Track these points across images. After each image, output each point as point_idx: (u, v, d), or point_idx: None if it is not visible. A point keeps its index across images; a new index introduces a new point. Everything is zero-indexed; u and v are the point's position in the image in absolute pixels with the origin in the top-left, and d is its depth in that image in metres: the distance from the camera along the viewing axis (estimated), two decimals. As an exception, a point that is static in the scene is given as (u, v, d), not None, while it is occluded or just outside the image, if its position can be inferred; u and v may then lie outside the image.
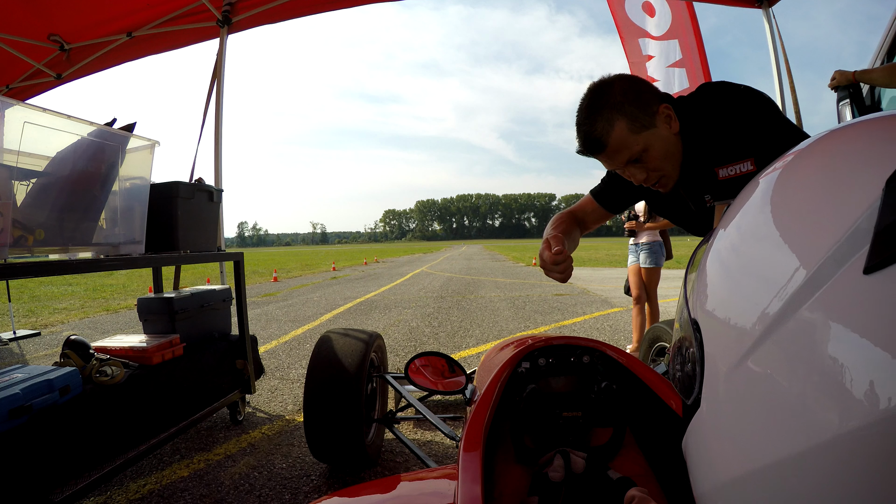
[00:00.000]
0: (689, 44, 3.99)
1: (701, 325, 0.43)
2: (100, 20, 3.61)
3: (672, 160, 1.14)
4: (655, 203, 1.44)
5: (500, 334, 4.93)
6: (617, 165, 1.14)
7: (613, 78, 1.11)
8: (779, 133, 1.07)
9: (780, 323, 0.33)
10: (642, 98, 1.08)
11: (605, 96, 1.08)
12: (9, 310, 5.38)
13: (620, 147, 1.08)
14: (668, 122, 1.11)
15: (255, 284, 11.73)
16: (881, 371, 0.25)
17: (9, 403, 1.39)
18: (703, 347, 0.42)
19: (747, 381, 0.35)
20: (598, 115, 1.07)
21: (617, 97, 1.06)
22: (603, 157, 1.12)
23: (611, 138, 1.07)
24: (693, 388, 0.44)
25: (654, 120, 1.09)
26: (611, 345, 1.11)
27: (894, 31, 2.63)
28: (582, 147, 1.12)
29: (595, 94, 1.09)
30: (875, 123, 0.38)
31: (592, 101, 1.09)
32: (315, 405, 1.86)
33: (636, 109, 1.07)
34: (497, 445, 0.97)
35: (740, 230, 0.43)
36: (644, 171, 1.13)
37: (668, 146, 1.12)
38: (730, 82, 1.16)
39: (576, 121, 1.12)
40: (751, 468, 0.33)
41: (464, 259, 23.33)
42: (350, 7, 3.48)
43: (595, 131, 1.08)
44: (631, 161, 1.11)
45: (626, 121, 1.06)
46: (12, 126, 1.43)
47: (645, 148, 1.09)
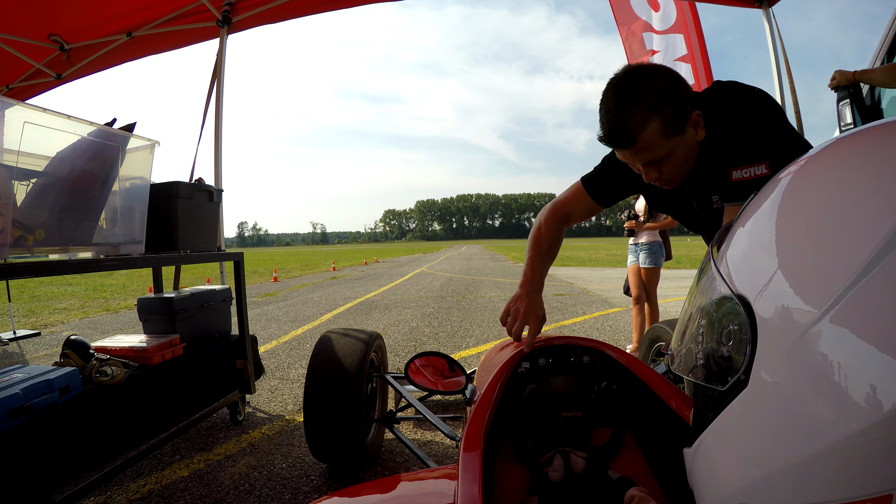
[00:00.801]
0: (693, 40, 4.00)
1: (752, 300, 0.41)
2: (100, 20, 3.61)
3: (688, 166, 1.12)
4: (655, 200, 1.41)
5: (500, 334, 4.93)
6: (634, 161, 1.09)
7: (653, 70, 1.02)
8: (789, 138, 1.06)
9: (850, 293, 0.33)
10: (681, 101, 1.02)
11: (645, 90, 0.99)
12: (9, 310, 5.38)
13: (647, 147, 1.03)
14: (696, 129, 1.06)
15: (255, 284, 11.73)
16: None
17: (9, 403, 1.39)
18: (755, 324, 0.40)
19: (813, 354, 0.34)
20: (635, 109, 0.99)
21: (658, 95, 0.99)
22: (625, 151, 1.06)
23: (641, 137, 1.00)
24: (731, 370, 0.42)
25: (684, 126, 1.04)
26: (611, 345, 1.11)
27: (894, 31, 2.63)
28: (607, 136, 1.04)
29: (634, 84, 1.00)
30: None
31: (630, 91, 1.00)
32: (315, 405, 1.86)
33: (672, 112, 1.00)
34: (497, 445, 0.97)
35: (789, 209, 0.43)
36: (658, 172, 1.10)
37: (690, 153, 1.09)
38: (743, 83, 1.13)
39: (605, 105, 1.03)
40: (825, 443, 0.33)
41: (464, 259, 23.33)
42: (350, 7, 3.48)
43: (627, 125, 1.00)
44: (652, 162, 1.07)
45: (660, 123, 1.00)
46: (12, 126, 1.43)
47: (670, 153, 1.05)
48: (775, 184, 0.47)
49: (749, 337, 0.40)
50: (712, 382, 0.44)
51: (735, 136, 1.07)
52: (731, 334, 0.43)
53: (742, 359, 0.40)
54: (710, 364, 0.45)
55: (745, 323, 0.41)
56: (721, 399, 0.43)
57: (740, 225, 0.49)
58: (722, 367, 0.43)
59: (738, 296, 0.43)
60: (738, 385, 0.41)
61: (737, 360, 0.41)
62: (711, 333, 0.46)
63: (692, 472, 0.50)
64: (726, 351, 0.43)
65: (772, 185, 0.48)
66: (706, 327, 0.47)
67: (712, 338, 0.46)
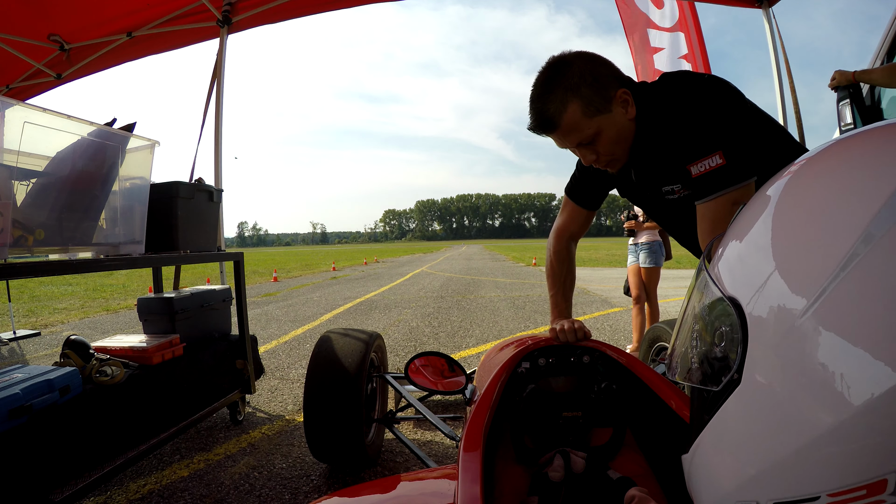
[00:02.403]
0: (693, 39, 4.01)
1: (742, 301, 0.42)
2: (100, 20, 3.60)
3: (624, 145, 1.15)
4: (625, 192, 1.41)
5: (500, 334, 4.93)
6: (567, 145, 1.14)
7: (573, 56, 1.08)
8: (744, 122, 1.06)
9: (830, 288, 0.34)
10: (600, 81, 1.06)
11: (561, 76, 1.05)
12: (9, 310, 5.38)
13: (572, 129, 1.08)
14: (625, 107, 1.10)
15: (255, 284, 11.73)
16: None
17: (9, 403, 1.39)
18: (745, 324, 0.41)
19: (801, 348, 0.35)
20: (552, 94, 1.05)
21: (574, 78, 1.04)
22: (554, 136, 1.12)
23: (563, 120, 1.06)
24: (724, 370, 0.43)
25: (609, 105, 1.08)
26: (611, 345, 1.11)
27: (894, 31, 2.63)
28: (533, 124, 1.11)
29: (551, 72, 1.07)
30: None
31: (548, 79, 1.07)
32: (315, 405, 1.86)
33: (592, 93, 1.05)
34: (497, 445, 0.97)
35: (778, 212, 0.45)
36: (594, 153, 1.14)
37: (622, 131, 1.12)
38: (692, 72, 1.15)
39: (531, 95, 1.10)
40: (819, 433, 0.33)
41: (464, 259, 23.33)
42: (350, 7, 3.48)
43: (548, 111, 1.06)
44: (582, 143, 1.11)
45: (580, 104, 1.05)
46: (12, 126, 1.43)
47: (598, 132, 1.09)
48: (768, 188, 0.48)
49: (740, 336, 0.41)
50: (707, 384, 0.45)
51: (683, 128, 1.07)
52: (723, 335, 0.44)
53: (734, 358, 0.42)
54: (705, 366, 0.46)
55: (737, 323, 0.42)
56: (716, 400, 0.44)
57: (733, 230, 0.50)
58: (716, 367, 0.45)
59: (728, 298, 0.44)
60: (731, 384, 0.42)
61: (730, 360, 0.42)
62: (705, 336, 0.47)
63: (690, 477, 0.50)
64: (719, 352, 0.44)
65: (765, 190, 0.49)
66: (700, 331, 0.48)
67: (706, 340, 0.47)
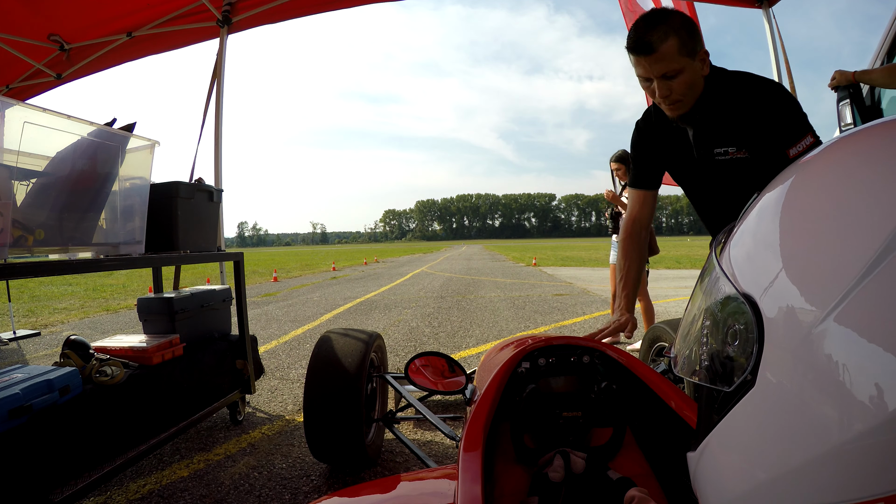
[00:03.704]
0: None
1: (758, 299, 0.41)
2: (100, 20, 3.60)
3: (694, 93, 1.34)
4: (677, 160, 1.56)
5: (500, 334, 4.93)
6: (652, 73, 1.29)
7: (676, 10, 1.29)
8: (796, 124, 1.29)
9: (855, 292, 0.33)
10: (694, 35, 1.27)
11: (667, 17, 1.25)
12: (9, 310, 5.38)
13: (664, 58, 1.25)
14: (703, 64, 1.32)
15: (255, 284, 11.72)
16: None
17: (9, 403, 1.39)
18: (762, 323, 0.39)
19: (822, 352, 0.34)
20: (658, 26, 1.24)
21: (677, 23, 1.24)
22: (644, 60, 1.27)
23: (661, 47, 1.24)
24: (737, 370, 0.41)
25: (695, 55, 1.28)
26: (611, 345, 1.11)
27: (894, 31, 2.63)
28: (632, 45, 1.27)
29: (658, 13, 1.27)
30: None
31: (655, 16, 1.26)
32: (315, 405, 1.85)
33: (688, 38, 1.25)
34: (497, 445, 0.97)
35: (794, 207, 0.44)
36: (669, 89, 1.30)
37: (697, 81, 1.32)
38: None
39: (633, 26, 1.28)
40: (837, 442, 0.32)
41: (464, 259, 23.32)
42: (350, 7, 3.48)
43: (651, 36, 1.24)
44: (665, 75, 1.28)
45: (678, 41, 1.24)
46: (12, 126, 1.43)
47: (681, 69, 1.27)
48: (778, 183, 0.47)
49: (756, 336, 0.39)
50: (718, 384, 0.44)
51: (770, 107, 1.30)
52: (737, 334, 0.42)
53: (748, 359, 0.40)
54: (716, 365, 0.45)
55: (752, 322, 0.40)
56: (727, 400, 0.42)
57: (743, 224, 0.49)
58: (728, 367, 0.43)
59: (744, 295, 0.42)
60: (744, 385, 0.40)
61: (743, 361, 0.41)
62: (717, 334, 0.45)
63: (696, 476, 0.49)
64: (732, 351, 0.42)
65: (775, 184, 0.48)
66: (711, 328, 0.46)
67: (717, 338, 0.45)
